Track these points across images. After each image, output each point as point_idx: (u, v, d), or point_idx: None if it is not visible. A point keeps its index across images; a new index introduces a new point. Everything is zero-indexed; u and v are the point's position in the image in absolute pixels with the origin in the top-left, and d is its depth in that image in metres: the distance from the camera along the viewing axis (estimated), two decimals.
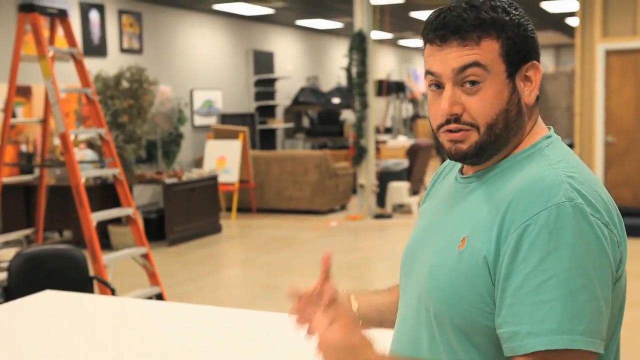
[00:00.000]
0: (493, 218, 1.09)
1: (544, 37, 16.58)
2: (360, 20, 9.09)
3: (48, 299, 2.71)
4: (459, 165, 1.31)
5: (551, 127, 1.23)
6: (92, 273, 4.03)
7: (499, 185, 1.14)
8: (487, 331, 1.08)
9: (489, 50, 1.13)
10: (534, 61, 1.17)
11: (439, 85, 1.17)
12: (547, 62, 19.52)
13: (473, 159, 1.17)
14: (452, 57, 1.14)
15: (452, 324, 1.12)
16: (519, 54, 1.15)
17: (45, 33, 5.04)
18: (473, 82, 1.13)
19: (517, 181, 1.10)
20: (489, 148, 1.16)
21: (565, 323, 0.99)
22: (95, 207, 6.19)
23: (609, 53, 8.04)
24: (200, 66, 10.90)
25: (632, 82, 8.02)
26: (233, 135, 9.69)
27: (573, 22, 11.85)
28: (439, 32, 1.14)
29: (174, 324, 2.38)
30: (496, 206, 1.10)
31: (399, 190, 9.52)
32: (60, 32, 5.32)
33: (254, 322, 2.37)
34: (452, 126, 1.15)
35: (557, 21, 12.74)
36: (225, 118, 11.16)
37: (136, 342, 2.19)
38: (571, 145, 10.00)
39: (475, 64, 1.12)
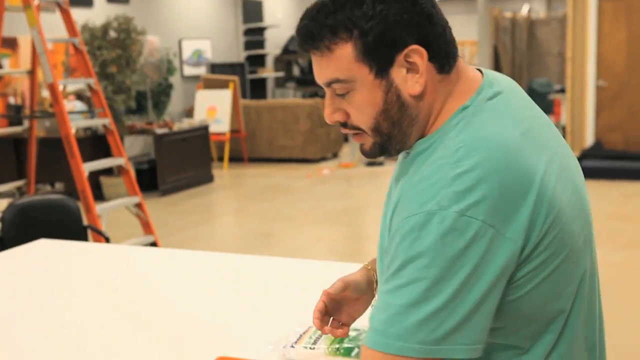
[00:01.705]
0: (391, 209, 1.08)
1: None
2: None
3: (43, 247, 2.71)
4: None
5: (486, 75, 1.12)
6: (85, 223, 4.04)
7: (409, 172, 1.08)
8: None
9: (343, 58, 1.04)
10: (413, 46, 1.03)
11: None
12: (538, 8, 19.34)
13: (383, 155, 1.13)
14: (316, 69, 1.09)
15: None
16: (384, 48, 1.03)
17: None
18: (341, 94, 1.08)
19: (414, 173, 1.05)
20: (389, 145, 1.10)
21: (407, 330, 0.95)
22: (87, 159, 6.17)
23: None
24: (188, 15, 10.75)
25: (624, 26, 7.98)
26: (223, 85, 9.62)
27: None
28: (301, 45, 1.10)
29: (170, 269, 2.39)
30: (396, 196, 1.07)
31: None
32: None
33: (249, 266, 2.38)
34: (344, 130, 1.12)
35: None
36: (214, 68, 11.05)
37: (133, 288, 2.21)
38: (563, 90, 9.99)
39: (334, 80, 1.07)
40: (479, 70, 1.15)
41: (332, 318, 1.37)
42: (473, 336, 0.96)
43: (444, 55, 1.06)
